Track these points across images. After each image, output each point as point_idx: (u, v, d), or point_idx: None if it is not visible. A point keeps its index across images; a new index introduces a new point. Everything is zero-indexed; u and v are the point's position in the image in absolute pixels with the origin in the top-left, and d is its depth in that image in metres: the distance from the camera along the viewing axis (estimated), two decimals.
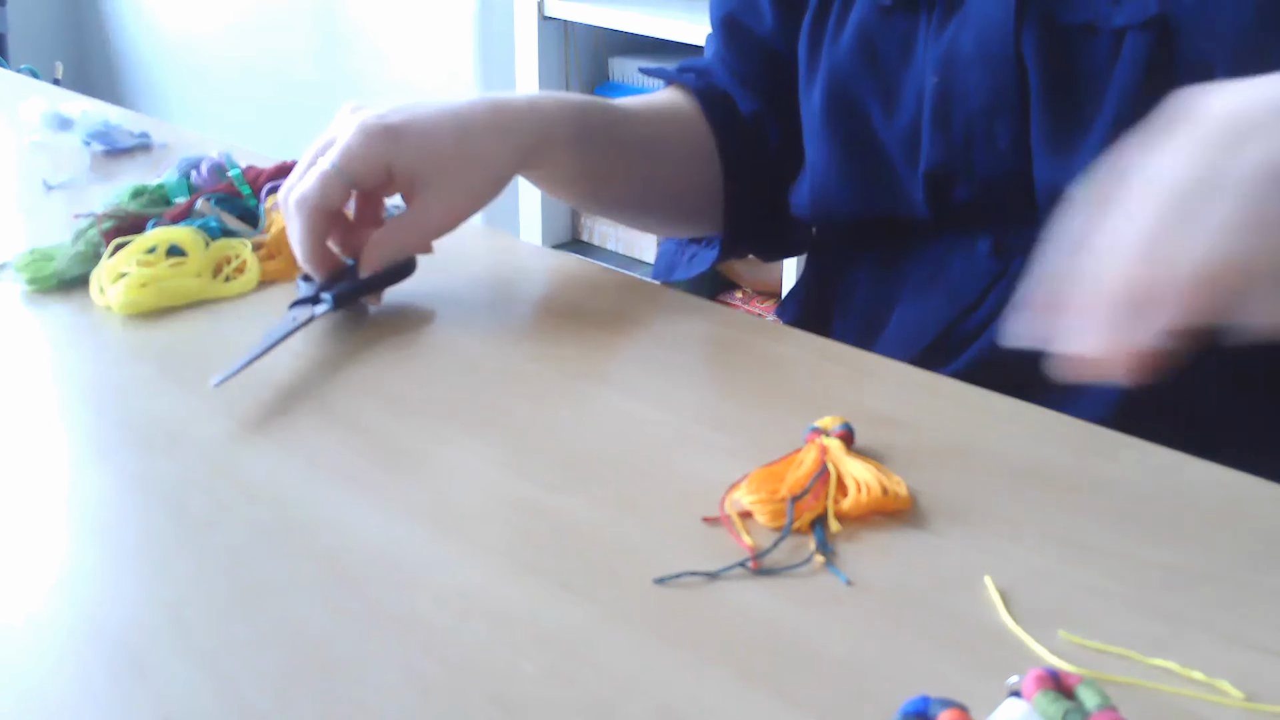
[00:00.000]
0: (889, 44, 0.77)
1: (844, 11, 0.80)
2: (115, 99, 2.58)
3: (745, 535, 0.54)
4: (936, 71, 0.74)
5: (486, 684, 0.46)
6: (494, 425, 0.65)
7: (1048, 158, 0.71)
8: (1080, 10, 0.69)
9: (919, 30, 0.76)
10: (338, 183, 0.72)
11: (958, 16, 0.73)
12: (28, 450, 0.63)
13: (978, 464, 0.59)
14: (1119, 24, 0.67)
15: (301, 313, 0.72)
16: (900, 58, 0.77)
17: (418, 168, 0.74)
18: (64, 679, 0.48)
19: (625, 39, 2.50)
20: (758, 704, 0.45)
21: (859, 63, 0.79)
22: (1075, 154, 0.70)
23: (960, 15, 0.73)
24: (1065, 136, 0.70)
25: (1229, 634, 0.48)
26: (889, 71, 0.78)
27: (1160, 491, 0.58)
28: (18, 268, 0.79)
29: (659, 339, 0.75)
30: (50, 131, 1.06)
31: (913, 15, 0.76)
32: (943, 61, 0.74)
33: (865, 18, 0.78)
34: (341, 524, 0.56)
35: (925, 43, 0.75)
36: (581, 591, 0.51)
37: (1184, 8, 0.65)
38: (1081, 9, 0.69)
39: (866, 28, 0.78)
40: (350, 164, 0.72)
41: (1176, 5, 0.65)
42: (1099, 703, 0.37)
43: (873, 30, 0.78)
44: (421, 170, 0.74)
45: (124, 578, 0.53)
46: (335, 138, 0.74)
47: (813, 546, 0.53)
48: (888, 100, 0.78)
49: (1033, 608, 0.50)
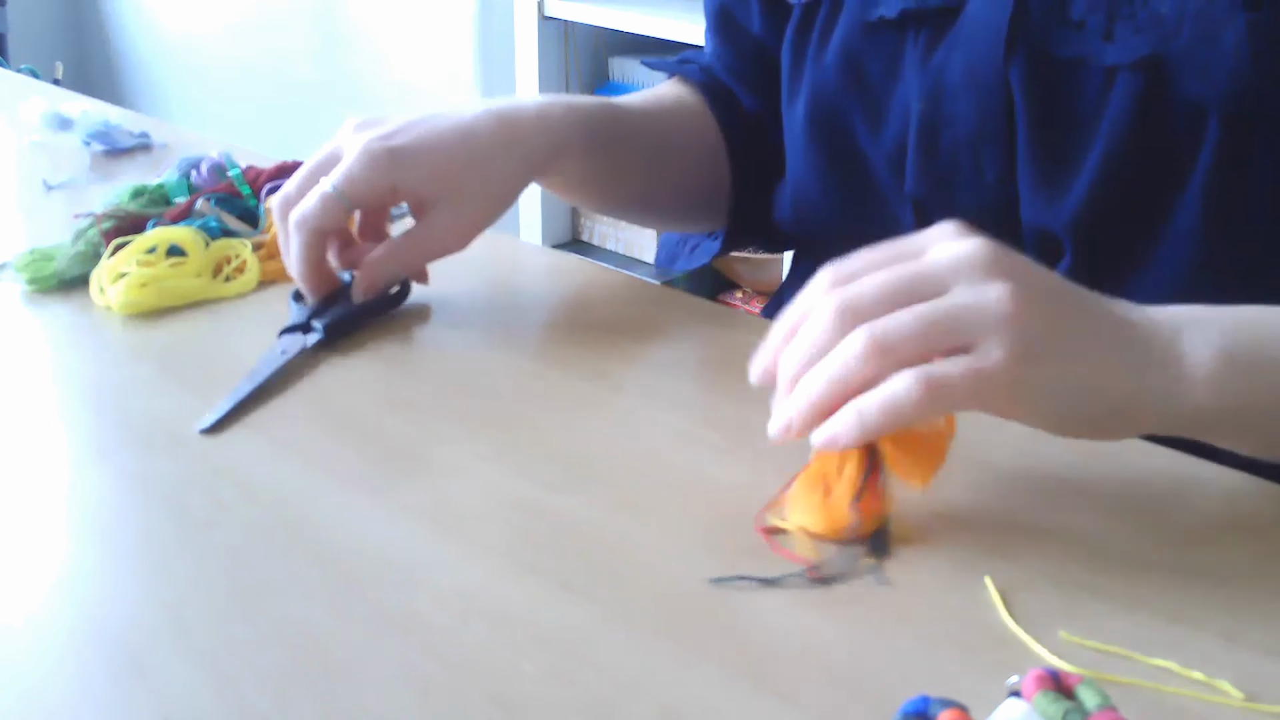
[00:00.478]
0: (875, 62, 0.76)
1: (828, 24, 0.78)
2: (115, 99, 2.58)
3: (801, 547, 0.53)
4: (923, 97, 0.73)
5: (486, 684, 0.46)
6: (494, 425, 0.65)
7: (1035, 195, 0.69)
8: (1072, 44, 0.67)
9: (906, 48, 0.74)
10: (338, 206, 0.71)
11: (947, 39, 0.72)
12: (28, 450, 0.63)
13: (978, 464, 0.59)
14: (1110, 62, 0.66)
15: (291, 343, 0.71)
16: (886, 76, 0.75)
17: (424, 190, 0.73)
18: (64, 679, 0.48)
19: (625, 39, 2.50)
20: (758, 704, 0.45)
21: (844, 80, 0.77)
22: (1063, 194, 0.68)
23: (950, 38, 0.72)
24: (1053, 173, 0.69)
25: (1229, 634, 0.48)
26: (874, 89, 0.76)
27: (1160, 491, 0.58)
28: (18, 268, 0.79)
29: (659, 339, 0.75)
30: (50, 131, 1.06)
31: (899, 33, 0.74)
32: (930, 87, 0.72)
33: (849, 34, 0.76)
34: (341, 524, 0.56)
35: (912, 62, 0.73)
36: (581, 591, 0.51)
37: (1178, 49, 0.64)
38: (1073, 43, 0.67)
39: (851, 44, 0.76)
40: (353, 188, 0.71)
41: (1170, 46, 0.64)
42: (1099, 703, 0.37)
43: (857, 47, 0.76)
44: (428, 192, 0.73)
45: (124, 578, 0.53)
46: (338, 154, 0.73)
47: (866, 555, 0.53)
48: (874, 118, 0.77)
49: (1033, 608, 0.50)
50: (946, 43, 0.72)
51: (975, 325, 0.51)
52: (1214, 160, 0.64)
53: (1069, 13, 0.67)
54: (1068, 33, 0.67)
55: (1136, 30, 0.65)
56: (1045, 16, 0.67)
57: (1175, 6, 0.64)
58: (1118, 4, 0.65)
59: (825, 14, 0.78)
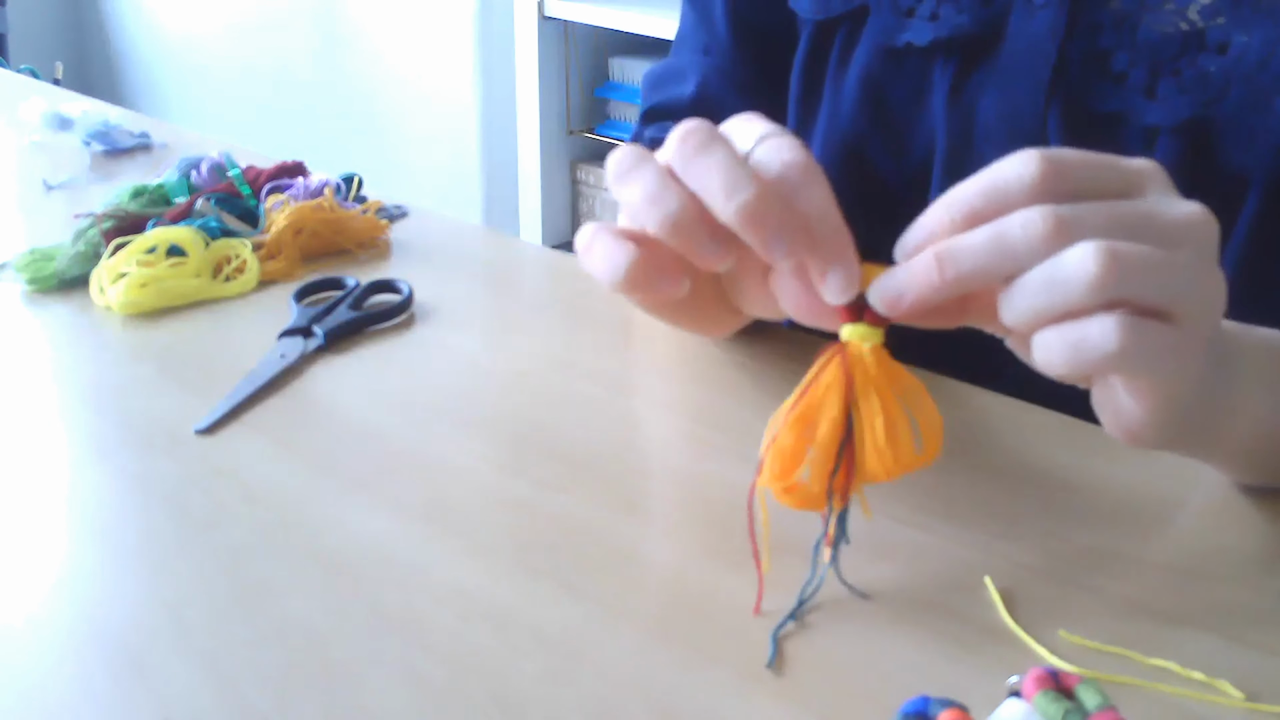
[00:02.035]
0: (898, 89, 0.73)
1: (847, 47, 0.75)
2: (115, 99, 2.58)
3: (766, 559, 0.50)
4: (950, 132, 0.70)
5: (486, 684, 0.46)
6: (494, 425, 0.65)
7: None
8: (1112, 100, 0.65)
9: (933, 77, 0.71)
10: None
11: (978, 73, 0.69)
12: (28, 450, 0.63)
13: (978, 464, 0.59)
14: (1150, 122, 0.63)
15: (291, 347, 0.71)
16: (911, 103, 0.73)
17: None
18: (64, 679, 0.48)
19: (625, 39, 2.51)
20: (758, 704, 0.45)
21: (865, 114, 0.74)
22: None
23: (981, 73, 0.69)
24: None
25: (1229, 634, 0.48)
26: (896, 115, 0.73)
27: (1160, 491, 0.58)
28: (18, 268, 0.79)
29: (659, 339, 0.75)
30: (50, 131, 1.06)
31: (926, 61, 0.71)
32: (960, 123, 0.70)
33: (873, 59, 0.73)
34: (341, 524, 0.56)
35: (940, 92, 0.71)
36: (581, 591, 0.51)
37: (1222, 114, 0.61)
38: (1113, 98, 0.65)
39: (873, 69, 0.73)
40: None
41: (1214, 110, 0.62)
42: (1099, 703, 0.37)
43: (880, 73, 0.73)
44: None
45: (124, 578, 0.53)
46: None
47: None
48: (894, 144, 0.74)
49: (1033, 608, 0.50)
50: (978, 77, 0.69)
51: (1189, 302, 0.45)
52: (1250, 230, 0.63)
53: (1110, 65, 0.65)
54: (1108, 86, 0.65)
55: (1181, 90, 0.63)
56: (1085, 66, 0.65)
57: (1223, 68, 0.61)
58: (1162, 60, 0.63)
59: (844, 36, 0.75)
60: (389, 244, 0.86)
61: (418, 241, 0.86)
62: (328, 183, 0.88)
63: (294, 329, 0.72)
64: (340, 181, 0.89)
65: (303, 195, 0.86)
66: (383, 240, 0.85)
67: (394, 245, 0.86)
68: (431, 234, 0.88)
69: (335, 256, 0.84)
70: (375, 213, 0.87)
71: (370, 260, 0.83)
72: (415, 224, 0.89)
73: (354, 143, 2.91)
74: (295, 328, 0.72)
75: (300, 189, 0.87)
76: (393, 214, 0.90)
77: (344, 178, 0.90)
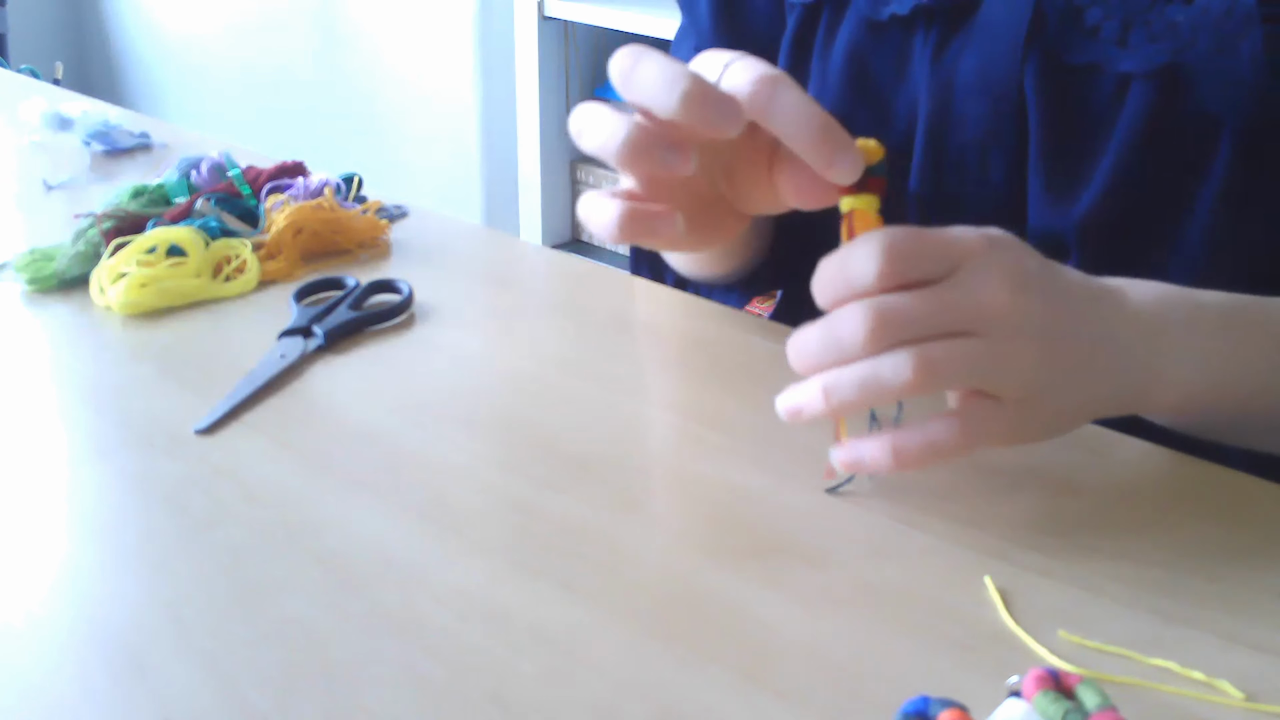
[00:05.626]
0: (881, 61, 0.75)
1: (832, 26, 0.77)
2: (115, 99, 2.58)
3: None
4: (931, 96, 0.72)
5: (486, 684, 0.46)
6: (494, 425, 0.65)
7: (1043, 201, 0.69)
8: (1086, 51, 0.66)
9: (914, 47, 0.73)
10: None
11: (958, 38, 0.71)
12: (28, 450, 0.63)
13: (978, 464, 0.59)
14: (1124, 69, 0.65)
15: (291, 347, 0.71)
16: (894, 75, 0.74)
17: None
18: (64, 679, 0.48)
19: (625, 39, 2.50)
20: (758, 704, 0.45)
21: (850, 86, 0.76)
22: (1072, 200, 0.68)
23: (961, 38, 0.71)
24: (1063, 179, 0.68)
25: (1229, 634, 0.48)
26: (880, 88, 0.75)
27: (1160, 492, 0.58)
28: (18, 268, 0.79)
29: (659, 338, 0.75)
30: (50, 131, 1.06)
31: (908, 31, 0.73)
32: (940, 86, 0.72)
33: (856, 35, 0.75)
34: (341, 524, 0.56)
35: (921, 60, 0.73)
36: (581, 591, 0.51)
37: (1193, 59, 0.63)
38: (1087, 49, 0.66)
39: (857, 44, 0.75)
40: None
41: (1185, 56, 0.63)
42: (1099, 703, 0.37)
43: (864, 47, 0.75)
44: None
45: (124, 578, 0.53)
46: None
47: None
48: (878, 116, 0.75)
49: (1033, 608, 0.50)
50: (957, 42, 0.71)
51: (1001, 384, 0.53)
52: (1226, 171, 0.64)
53: (1084, 19, 0.66)
54: (1082, 39, 0.66)
55: (1151, 38, 0.64)
56: (1060, 22, 0.67)
57: (1191, 16, 0.63)
58: (1133, 12, 0.65)
59: (829, 16, 0.77)
60: (389, 244, 0.86)
61: (418, 241, 0.86)
62: (328, 183, 0.88)
63: (294, 329, 0.72)
64: (340, 181, 0.89)
65: (303, 195, 0.86)
66: (383, 240, 0.86)
67: (394, 245, 0.86)
68: (431, 234, 0.88)
69: (335, 256, 0.84)
70: (375, 213, 0.87)
71: (370, 260, 0.83)
72: (415, 224, 0.89)
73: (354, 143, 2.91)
74: (295, 328, 0.72)
75: (300, 189, 0.87)
76: (393, 214, 0.90)
77: (344, 178, 0.90)
